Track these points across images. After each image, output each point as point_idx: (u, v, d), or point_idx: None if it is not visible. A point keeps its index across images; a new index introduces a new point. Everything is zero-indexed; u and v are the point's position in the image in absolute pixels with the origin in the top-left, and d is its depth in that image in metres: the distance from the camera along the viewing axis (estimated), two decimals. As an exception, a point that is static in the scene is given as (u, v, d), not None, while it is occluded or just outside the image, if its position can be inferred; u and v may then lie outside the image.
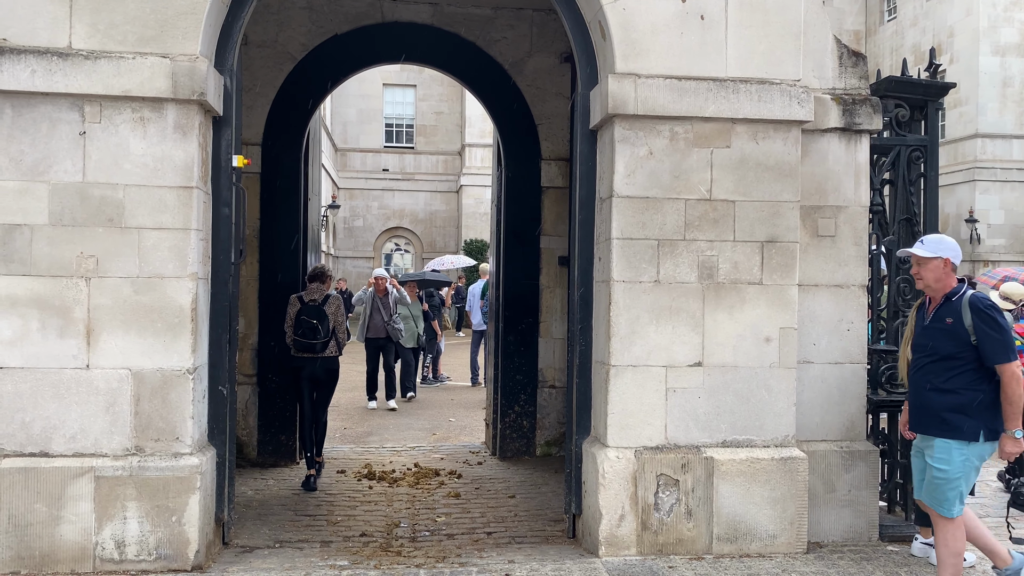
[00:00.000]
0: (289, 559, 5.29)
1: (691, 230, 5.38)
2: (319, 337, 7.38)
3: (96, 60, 4.88)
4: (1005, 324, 4.45)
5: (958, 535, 4.57)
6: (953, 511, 4.52)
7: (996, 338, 4.40)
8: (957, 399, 4.48)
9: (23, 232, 4.89)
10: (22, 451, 4.89)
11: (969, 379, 4.47)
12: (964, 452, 4.48)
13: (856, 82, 5.81)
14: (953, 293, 4.56)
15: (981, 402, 4.45)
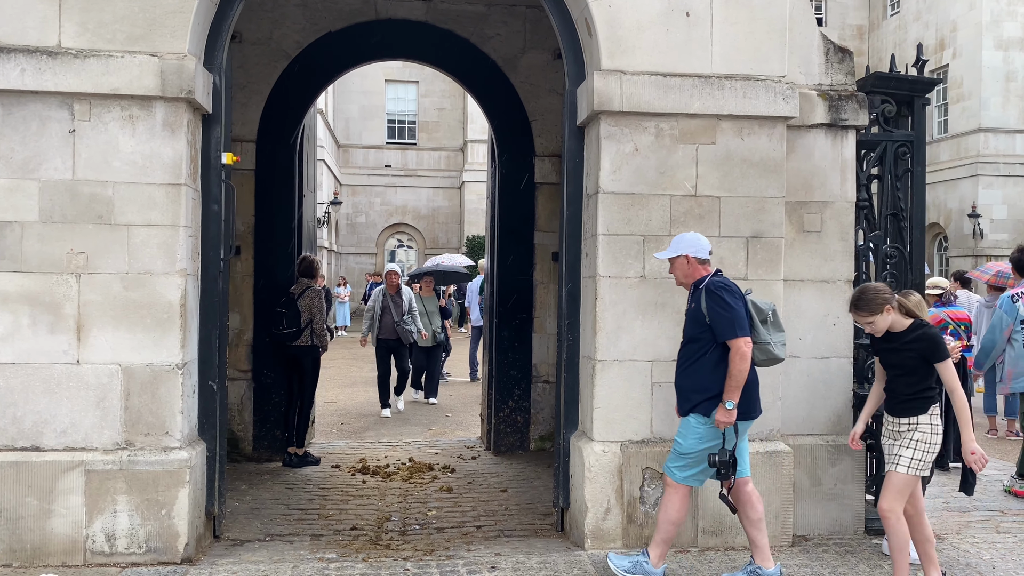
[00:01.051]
0: (278, 552, 5.35)
1: (677, 226, 5.41)
2: (284, 327, 7.81)
3: (85, 59, 4.94)
4: (733, 303, 4.59)
5: (674, 501, 4.74)
6: (676, 477, 4.73)
7: (724, 316, 4.57)
8: (700, 379, 4.67)
9: (14, 229, 4.95)
10: (13, 445, 4.95)
11: (711, 359, 4.65)
12: (700, 428, 4.66)
13: (843, 78, 5.83)
14: (699, 282, 4.76)
15: (721, 380, 4.61)
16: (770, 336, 4.74)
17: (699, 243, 4.79)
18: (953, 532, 5.94)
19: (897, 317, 4.55)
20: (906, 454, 4.50)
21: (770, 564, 4.74)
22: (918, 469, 4.50)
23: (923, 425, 4.51)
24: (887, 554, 5.29)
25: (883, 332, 4.59)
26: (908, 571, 4.56)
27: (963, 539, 5.77)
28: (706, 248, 4.80)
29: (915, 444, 4.49)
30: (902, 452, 4.51)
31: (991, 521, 6.25)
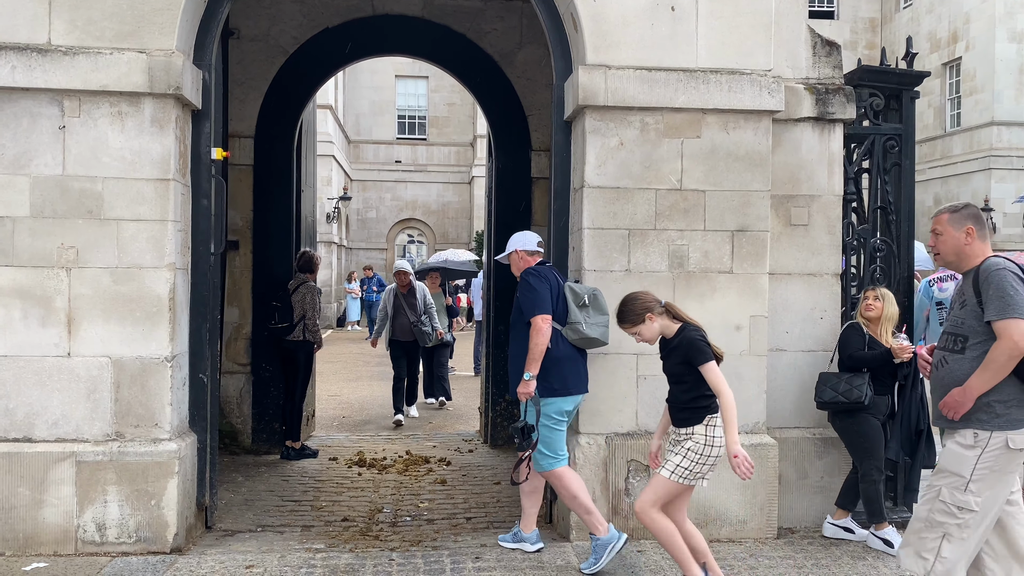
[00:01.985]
0: (268, 543, 5.42)
1: (662, 220, 5.44)
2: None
3: (75, 56, 5.01)
4: (537, 286, 4.96)
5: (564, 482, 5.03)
6: (542, 464, 5.03)
7: (527, 297, 4.98)
8: (523, 359, 4.99)
9: (5, 224, 5.03)
10: (6, 436, 5.04)
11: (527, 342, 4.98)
12: (532, 409, 5.02)
13: (830, 71, 5.83)
14: (526, 273, 5.14)
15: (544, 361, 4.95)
16: (584, 318, 4.99)
17: (526, 238, 5.30)
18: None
19: (666, 323, 4.39)
20: (674, 460, 4.31)
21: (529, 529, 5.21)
22: (682, 477, 4.27)
23: (697, 435, 4.28)
24: (872, 547, 5.32)
25: (654, 341, 4.46)
26: (688, 557, 4.35)
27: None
28: (533, 241, 5.27)
29: (685, 452, 4.29)
30: (671, 458, 4.34)
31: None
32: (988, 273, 3.78)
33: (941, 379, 3.94)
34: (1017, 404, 3.75)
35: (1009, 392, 3.74)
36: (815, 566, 5.05)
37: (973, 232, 3.90)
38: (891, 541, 5.27)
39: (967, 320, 3.85)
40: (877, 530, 5.35)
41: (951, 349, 3.91)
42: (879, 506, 5.34)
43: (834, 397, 5.35)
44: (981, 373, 3.73)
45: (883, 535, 5.32)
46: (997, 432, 3.74)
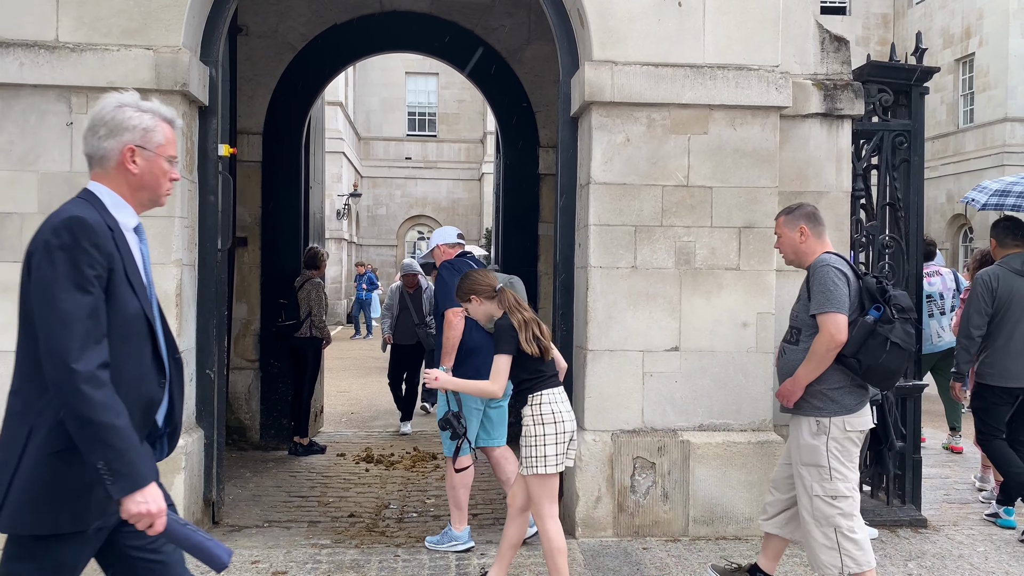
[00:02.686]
0: (274, 538, 5.44)
1: (668, 216, 5.42)
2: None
3: (82, 53, 5.03)
4: (448, 279, 5.10)
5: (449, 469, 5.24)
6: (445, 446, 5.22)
7: (439, 290, 5.25)
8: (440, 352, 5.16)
9: (14, 220, 5.05)
10: (14, 431, 5.07)
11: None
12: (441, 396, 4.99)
13: (838, 67, 5.80)
14: (441, 267, 5.43)
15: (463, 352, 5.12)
16: None
17: (446, 232, 5.64)
18: (950, 523, 5.91)
19: (493, 308, 4.31)
20: (522, 454, 4.22)
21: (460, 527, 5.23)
22: (531, 467, 4.16)
23: (526, 419, 4.20)
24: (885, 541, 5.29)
25: (485, 322, 4.44)
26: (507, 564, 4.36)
27: (959, 530, 5.74)
28: (452, 234, 5.63)
29: (525, 442, 4.18)
30: (520, 454, 4.26)
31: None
32: (815, 269, 4.04)
33: (780, 368, 4.24)
34: (848, 390, 3.99)
35: (836, 380, 3.98)
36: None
37: (807, 231, 4.14)
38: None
39: (800, 313, 4.11)
40: None
41: (788, 340, 4.20)
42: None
43: None
44: (806, 364, 3.96)
45: None
46: (835, 418, 3.98)
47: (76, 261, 2.34)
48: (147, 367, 2.50)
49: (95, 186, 2.56)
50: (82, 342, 2.31)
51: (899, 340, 3.90)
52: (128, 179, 2.54)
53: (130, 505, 2.34)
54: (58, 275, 2.33)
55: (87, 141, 2.56)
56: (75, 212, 2.41)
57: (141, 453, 2.37)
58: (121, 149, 2.52)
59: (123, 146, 2.52)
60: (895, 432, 5.88)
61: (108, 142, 2.52)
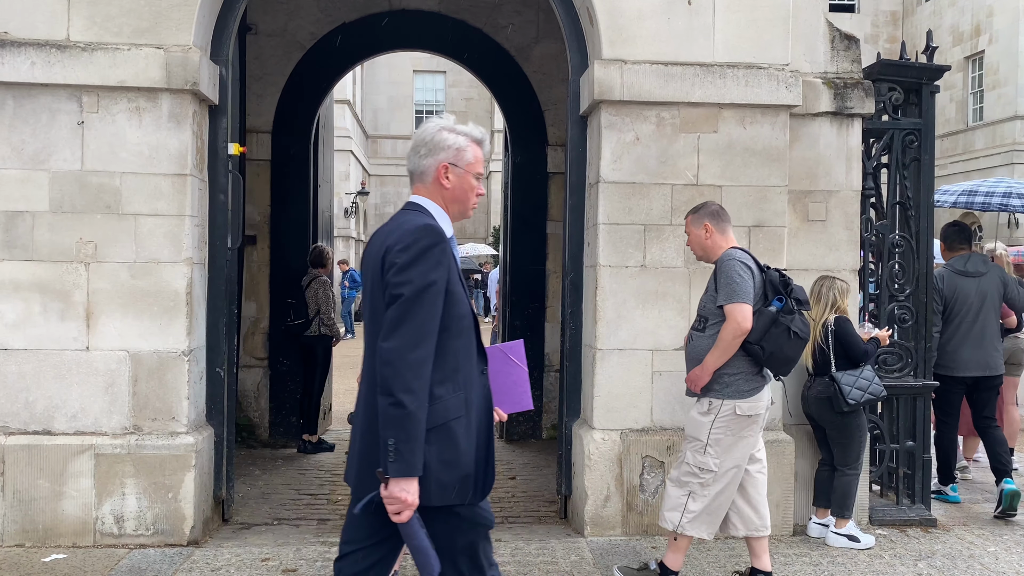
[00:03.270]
0: (283, 535, 5.46)
1: (678, 215, 5.41)
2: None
3: (93, 52, 5.05)
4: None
5: None
6: None
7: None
8: None
9: (25, 219, 5.08)
10: (26, 429, 5.10)
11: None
12: None
13: (848, 65, 5.78)
14: None
15: None
16: None
17: None
18: (960, 523, 5.89)
19: None
20: None
21: None
22: None
23: None
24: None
25: None
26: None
27: (969, 531, 5.72)
28: None
29: None
30: None
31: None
32: (721, 263, 4.31)
33: (688, 355, 4.51)
34: (744, 376, 4.27)
35: (738, 366, 4.26)
36: (831, 563, 5.03)
37: (711, 228, 4.42)
38: (855, 536, 5.29)
39: (708, 304, 4.38)
40: (839, 527, 5.33)
41: (696, 328, 4.47)
42: (853, 500, 5.34)
43: (862, 396, 5.25)
44: (714, 351, 4.23)
45: (847, 531, 5.31)
46: (728, 400, 4.27)
47: (425, 263, 2.66)
48: (475, 358, 2.83)
49: (419, 199, 2.90)
50: (419, 334, 2.62)
51: (798, 330, 4.23)
52: (443, 193, 2.88)
53: (394, 487, 2.58)
54: (407, 274, 2.64)
55: (410, 159, 2.92)
56: (425, 220, 2.76)
57: (422, 447, 2.60)
58: (437, 166, 2.85)
59: (438, 164, 2.85)
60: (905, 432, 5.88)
61: (427, 160, 2.86)
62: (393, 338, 2.60)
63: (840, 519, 5.33)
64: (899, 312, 5.89)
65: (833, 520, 5.39)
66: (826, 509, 5.47)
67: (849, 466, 5.33)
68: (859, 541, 5.26)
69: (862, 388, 5.23)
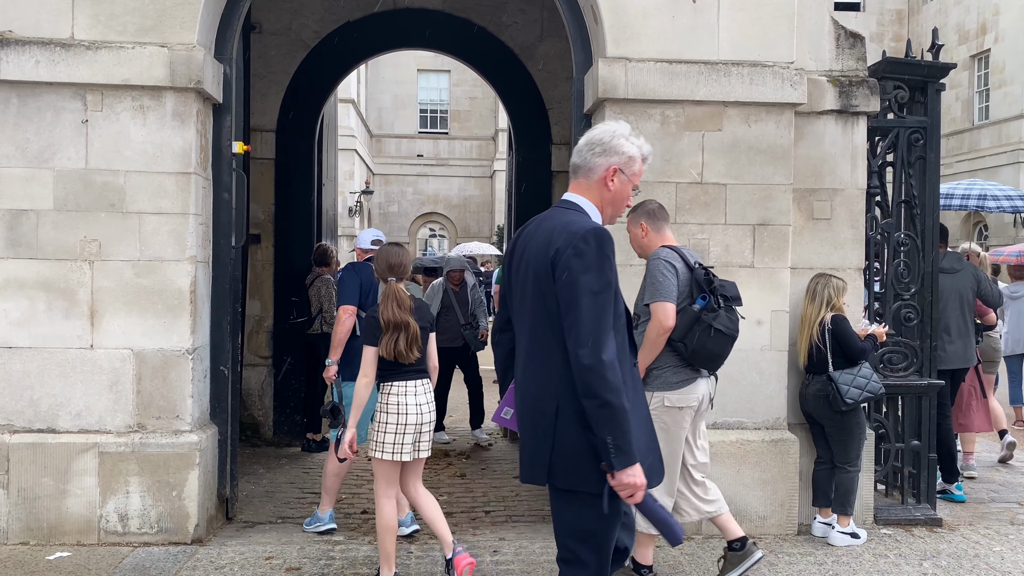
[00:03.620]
0: (287, 534, 5.45)
1: (682, 213, 5.40)
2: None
3: (97, 50, 5.05)
4: (347, 279, 5.47)
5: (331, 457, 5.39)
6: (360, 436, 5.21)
7: (338, 289, 5.57)
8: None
9: (29, 217, 5.08)
10: (30, 427, 5.10)
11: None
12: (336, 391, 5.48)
13: (854, 64, 5.76)
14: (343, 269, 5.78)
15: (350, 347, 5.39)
16: None
17: (363, 236, 6.02)
18: (966, 523, 5.87)
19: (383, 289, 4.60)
20: (375, 437, 4.48)
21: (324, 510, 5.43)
22: (372, 450, 4.46)
23: (380, 405, 4.47)
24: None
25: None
26: (391, 555, 4.48)
27: (975, 530, 5.70)
28: (367, 240, 5.94)
29: (375, 426, 4.46)
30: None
31: (1006, 513, 6.17)
32: (648, 262, 4.44)
33: None
34: (672, 370, 4.37)
35: (665, 360, 4.38)
36: (835, 563, 5.01)
37: (646, 227, 4.53)
38: (857, 534, 5.30)
39: (638, 302, 4.49)
40: (842, 525, 5.33)
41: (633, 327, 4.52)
42: (854, 498, 5.34)
43: (860, 395, 5.24)
44: (642, 349, 4.31)
45: (849, 529, 5.31)
46: (657, 392, 4.37)
47: (601, 266, 2.75)
48: (628, 352, 2.94)
49: (575, 197, 2.99)
50: (605, 335, 2.71)
51: (722, 327, 4.27)
52: (603, 194, 2.98)
53: (623, 477, 2.73)
54: (587, 277, 2.73)
55: (581, 154, 3.00)
56: (593, 222, 2.87)
57: (634, 434, 2.75)
58: (607, 167, 2.96)
59: (609, 165, 2.96)
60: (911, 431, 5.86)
61: (599, 159, 2.97)
62: (587, 342, 2.70)
63: (842, 516, 5.32)
64: (904, 311, 5.87)
65: (835, 518, 5.37)
66: (828, 508, 5.45)
67: (850, 463, 5.32)
68: (860, 538, 5.27)
69: (860, 387, 5.21)
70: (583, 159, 2.99)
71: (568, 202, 2.98)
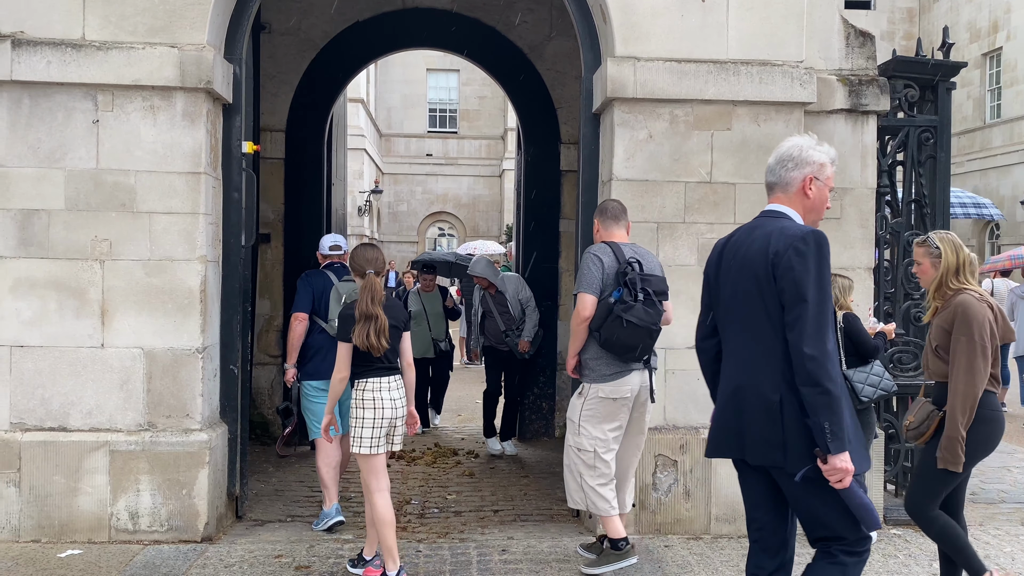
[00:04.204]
0: (297, 532, 5.47)
1: (691, 213, 5.40)
2: None
3: (108, 51, 5.08)
4: (301, 288, 5.82)
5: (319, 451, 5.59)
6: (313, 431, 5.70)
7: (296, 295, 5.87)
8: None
9: (41, 217, 5.11)
10: (42, 425, 5.14)
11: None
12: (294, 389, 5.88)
13: (863, 62, 5.74)
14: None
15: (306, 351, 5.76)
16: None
17: (323, 242, 6.21)
18: (976, 524, 5.84)
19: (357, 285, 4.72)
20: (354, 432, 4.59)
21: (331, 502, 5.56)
22: (360, 446, 4.54)
23: (355, 401, 4.58)
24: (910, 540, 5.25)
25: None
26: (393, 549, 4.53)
27: (985, 531, 5.68)
28: (326, 245, 6.13)
29: (354, 423, 4.57)
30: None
31: (1017, 514, 6.14)
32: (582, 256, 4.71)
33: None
34: (604, 361, 4.61)
35: (591, 352, 4.65)
36: (845, 563, 4.99)
37: (598, 225, 4.81)
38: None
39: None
40: None
41: None
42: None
43: (874, 393, 5.23)
44: (571, 337, 4.67)
45: None
46: (593, 384, 4.65)
47: (820, 266, 2.95)
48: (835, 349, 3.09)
49: (781, 207, 3.19)
50: (826, 328, 2.94)
51: (635, 319, 4.47)
52: (804, 202, 3.18)
53: (836, 461, 2.90)
54: (808, 275, 2.94)
55: (775, 172, 3.21)
56: (805, 226, 3.09)
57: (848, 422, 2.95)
58: (803, 178, 3.15)
59: (804, 176, 3.15)
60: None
61: (794, 172, 3.16)
62: (811, 335, 2.91)
63: None
64: (915, 311, 5.85)
65: None
66: None
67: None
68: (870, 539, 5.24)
69: (874, 384, 5.19)
70: (777, 176, 3.20)
71: (774, 211, 3.19)
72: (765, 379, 3.05)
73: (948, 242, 4.16)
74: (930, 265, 4.22)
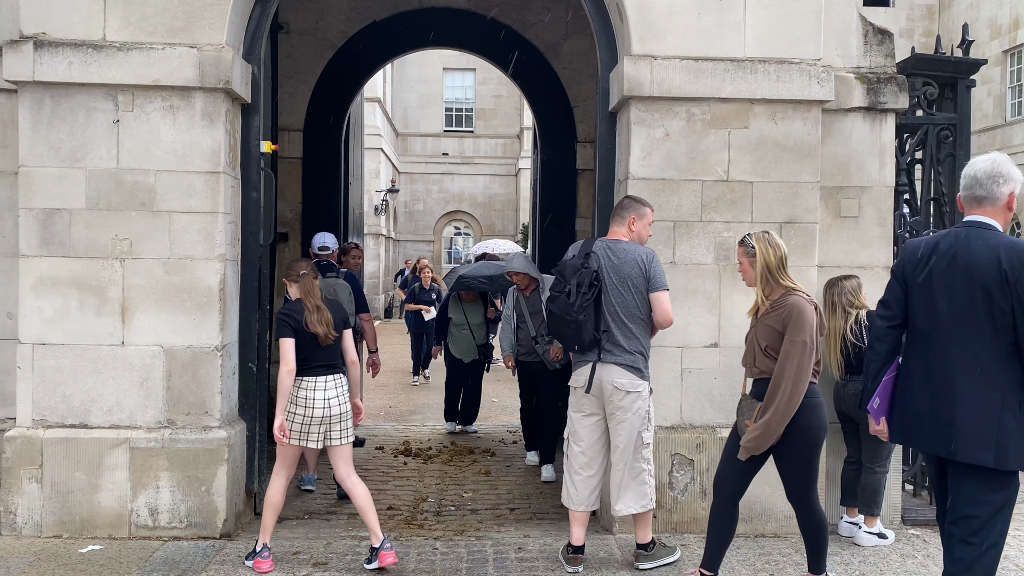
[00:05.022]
0: (314, 529, 5.51)
1: (708, 211, 5.39)
2: None
3: (128, 51, 5.12)
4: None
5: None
6: None
7: None
8: None
9: (62, 216, 5.17)
10: (63, 422, 5.20)
11: None
12: None
13: (882, 60, 5.71)
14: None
15: None
16: None
17: (313, 241, 6.66)
18: (995, 524, 5.80)
19: (295, 290, 4.90)
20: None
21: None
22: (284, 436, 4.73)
23: (291, 396, 4.75)
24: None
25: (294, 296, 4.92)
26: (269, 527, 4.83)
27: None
28: (315, 245, 6.68)
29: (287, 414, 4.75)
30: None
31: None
32: None
33: None
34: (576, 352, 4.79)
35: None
36: (862, 563, 4.98)
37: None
38: (885, 534, 5.28)
39: None
40: (869, 525, 5.30)
41: None
42: (882, 498, 5.32)
43: None
44: None
45: (876, 530, 5.29)
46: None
47: None
48: None
49: (986, 219, 3.45)
50: None
51: (555, 309, 4.66)
52: (1006, 215, 3.45)
53: None
54: None
55: (986, 187, 3.45)
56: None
57: None
58: (1008, 193, 3.46)
59: (1009, 191, 3.46)
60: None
61: (1003, 187, 3.44)
62: None
63: (869, 517, 5.29)
64: (933, 310, 5.80)
65: (863, 518, 5.34)
66: (855, 507, 5.42)
67: (879, 464, 5.29)
68: (887, 538, 5.24)
69: None
70: (988, 191, 3.44)
71: (982, 223, 3.43)
72: (985, 379, 3.30)
73: (763, 241, 4.26)
74: (749, 264, 4.30)
